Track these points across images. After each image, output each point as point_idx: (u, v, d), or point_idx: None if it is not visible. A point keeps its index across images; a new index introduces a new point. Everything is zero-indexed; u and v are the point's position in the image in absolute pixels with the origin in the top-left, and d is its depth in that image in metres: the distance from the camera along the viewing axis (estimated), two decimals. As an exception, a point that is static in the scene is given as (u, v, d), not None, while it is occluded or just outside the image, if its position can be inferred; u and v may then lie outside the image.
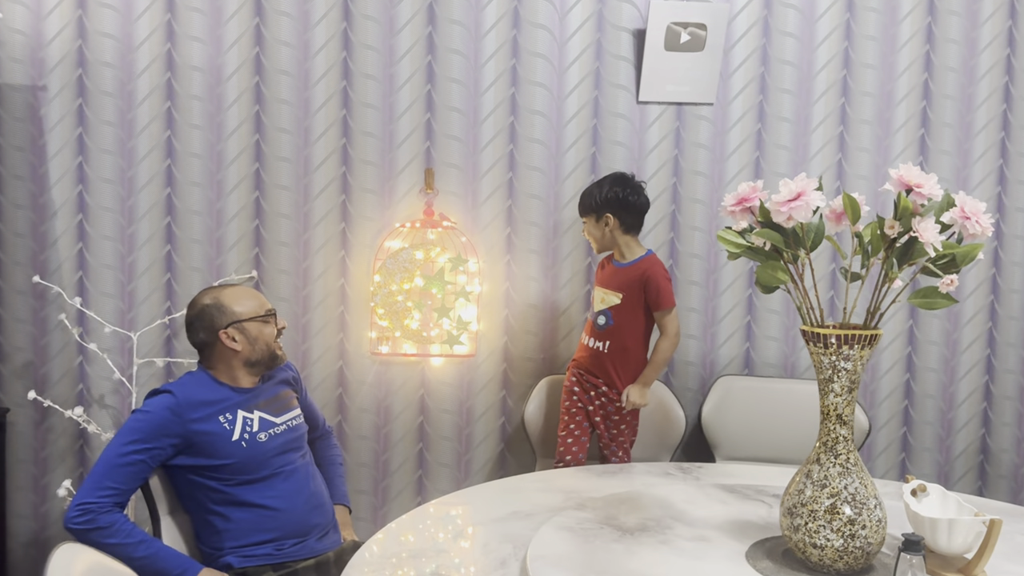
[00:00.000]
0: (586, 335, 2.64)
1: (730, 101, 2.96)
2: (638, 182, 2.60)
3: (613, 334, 2.57)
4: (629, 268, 2.58)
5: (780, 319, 3.02)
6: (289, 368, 2.32)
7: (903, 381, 3.06)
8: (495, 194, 2.94)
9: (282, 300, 2.93)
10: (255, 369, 2.15)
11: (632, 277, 2.56)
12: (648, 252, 2.61)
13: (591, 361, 2.60)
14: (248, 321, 2.12)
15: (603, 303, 2.60)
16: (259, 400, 2.17)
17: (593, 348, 2.60)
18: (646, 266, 2.56)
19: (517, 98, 2.92)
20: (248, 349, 2.12)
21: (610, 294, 2.58)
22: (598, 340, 2.59)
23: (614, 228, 2.57)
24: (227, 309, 2.12)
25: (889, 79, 2.96)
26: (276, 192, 2.90)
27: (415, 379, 2.99)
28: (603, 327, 2.58)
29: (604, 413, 2.60)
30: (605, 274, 2.65)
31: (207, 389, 2.12)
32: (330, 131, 2.89)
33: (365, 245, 2.93)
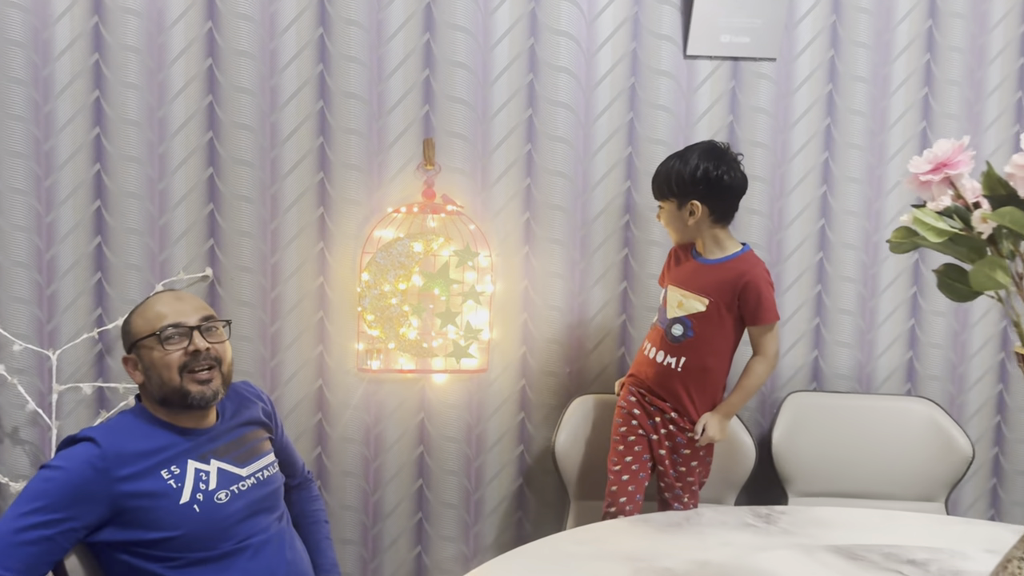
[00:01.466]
0: (652, 346, 2.08)
1: (795, 56, 2.43)
2: (734, 155, 2.03)
3: (692, 349, 2.01)
4: (720, 267, 2.02)
5: (853, 321, 2.50)
6: (259, 398, 1.74)
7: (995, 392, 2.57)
8: (510, 171, 2.38)
9: (244, 305, 2.33)
10: (174, 409, 1.57)
11: (724, 279, 2.00)
12: (744, 247, 2.05)
13: (658, 379, 2.05)
14: (140, 342, 1.56)
15: (680, 308, 2.03)
16: (217, 445, 1.61)
17: (662, 364, 2.04)
18: (745, 267, 2.00)
19: (537, 51, 2.35)
20: (148, 383, 1.56)
21: (691, 297, 2.02)
22: (670, 355, 2.03)
23: (701, 218, 2.00)
24: (130, 326, 1.56)
25: (981, 31, 2.45)
26: (235, 169, 2.29)
27: (413, 400, 2.41)
28: (679, 339, 2.03)
29: (672, 446, 2.04)
30: (684, 270, 2.07)
31: (144, 433, 1.55)
32: (303, 92, 2.29)
33: (349, 235, 2.35)
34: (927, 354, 2.53)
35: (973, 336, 2.54)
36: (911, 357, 2.53)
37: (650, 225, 2.42)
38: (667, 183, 2.01)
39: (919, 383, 2.53)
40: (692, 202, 1.99)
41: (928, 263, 2.49)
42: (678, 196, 2.00)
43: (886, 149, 2.47)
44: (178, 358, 1.52)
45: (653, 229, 2.42)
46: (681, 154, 2.02)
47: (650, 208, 2.40)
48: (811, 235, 2.47)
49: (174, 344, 1.53)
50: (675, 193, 2.00)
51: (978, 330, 2.54)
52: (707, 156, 1.98)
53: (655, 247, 2.42)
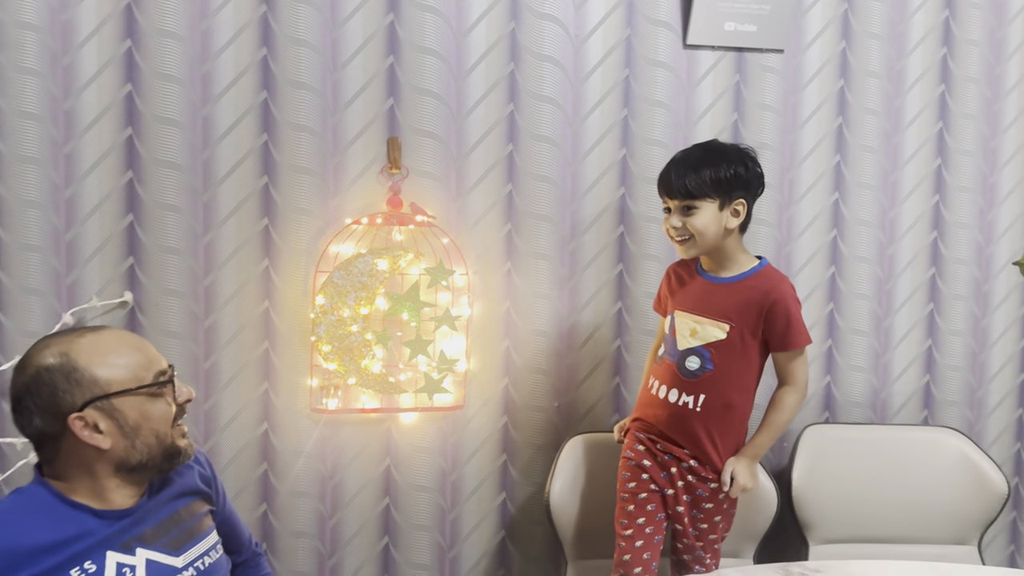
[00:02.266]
0: (661, 384, 1.77)
1: (804, 48, 2.17)
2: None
3: (712, 384, 1.71)
4: (739, 285, 1.73)
5: (867, 342, 2.25)
6: (196, 462, 1.37)
7: (1015, 417, 2.35)
8: (489, 175, 2.05)
9: (172, 336, 1.93)
10: (137, 477, 1.21)
11: (747, 299, 1.71)
12: (762, 261, 1.77)
13: (673, 423, 1.74)
14: (123, 396, 1.17)
15: (695, 337, 1.73)
16: (144, 529, 1.25)
17: (676, 404, 1.73)
18: (770, 284, 1.72)
19: (518, 37, 2.03)
20: (124, 446, 1.19)
21: (708, 323, 1.72)
22: (686, 393, 1.73)
23: (737, 223, 1.73)
24: (83, 375, 1.18)
25: (999, 23, 2.24)
26: (159, 172, 1.90)
27: (377, 445, 2.05)
28: (696, 373, 1.72)
29: (691, 500, 1.73)
30: (692, 292, 1.78)
31: (47, 520, 1.19)
32: (243, 81, 1.92)
33: (300, 251, 1.98)
34: (945, 378, 2.29)
35: (992, 356, 2.32)
36: (928, 381, 2.29)
37: (648, 237, 2.12)
38: (714, 178, 1.68)
39: (937, 409, 2.29)
40: (740, 201, 1.70)
41: (946, 280, 2.26)
42: (723, 194, 1.69)
43: (901, 152, 2.23)
44: (169, 411, 1.23)
45: (651, 242, 2.12)
46: (711, 148, 1.73)
47: (648, 218, 2.11)
48: (822, 247, 2.21)
49: (166, 395, 1.23)
50: (721, 190, 1.69)
51: (997, 350, 2.32)
52: (746, 153, 1.73)
53: (653, 262, 2.12)
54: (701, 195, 1.69)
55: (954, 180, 2.25)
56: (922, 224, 2.25)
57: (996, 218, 2.28)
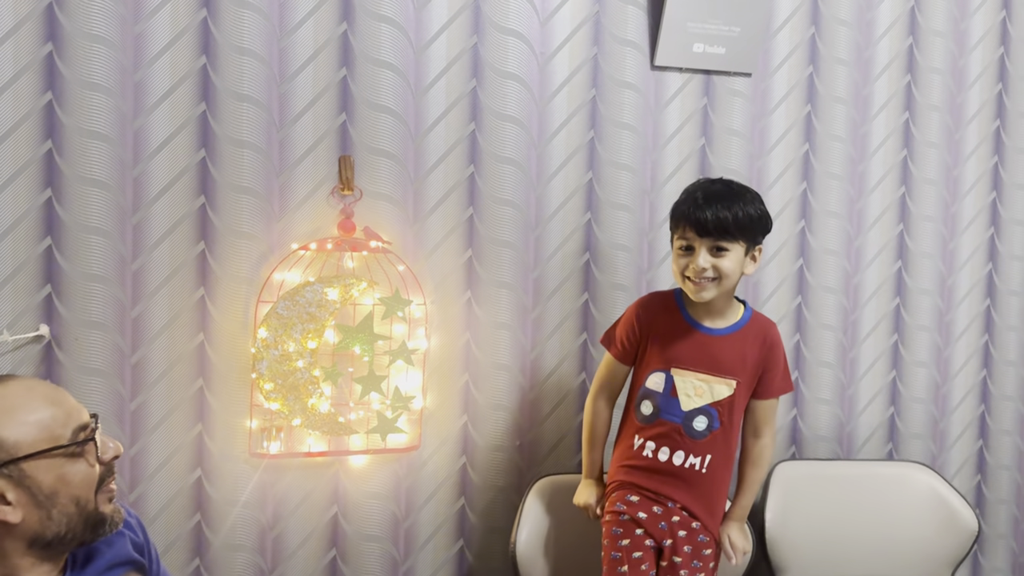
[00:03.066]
0: (660, 446, 1.63)
1: (772, 73, 2.11)
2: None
3: (718, 444, 1.62)
4: (738, 336, 1.64)
5: (833, 374, 2.19)
6: (127, 527, 1.19)
7: (976, 450, 2.33)
8: (449, 198, 1.91)
9: (94, 374, 1.73)
10: (55, 552, 1.03)
11: (749, 350, 1.63)
12: (747, 306, 1.69)
13: (677, 487, 1.62)
14: (34, 459, 0.99)
15: (700, 396, 1.62)
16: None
17: (682, 467, 1.62)
18: (766, 330, 1.66)
19: (481, 52, 1.91)
20: (38, 517, 1.01)
21: (715, 381, 1.62)
22: (693, 455, 1.62)
23: (753, 269, 1.64)
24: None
25: (961, 52, 2.23)
26: (82, 190, 1.71)
27: (323, 491, 1.88)
28: (703, 434, 1.62)
29: (692, 548, 1.62)
30: (691, 348, 1.64)
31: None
32: (179, 92, 1.74)
33: (240, 279, 1.80)
34: (909, 410, 2.25)
35: (954, 388, 2.29)
36: (893, 413, 2.24)
37: (615, 265, 2.01)
38: (751, 222, 1.57)
39: (901, 442, 2.25)
40: (759, 247, 1.62)
41: (910, 310, 2.22)
42: (751, 239, 1.59)
43: (866, 179, 2.19)
44: (92, 473, 1.05)
45: (618, 270, 2.01)
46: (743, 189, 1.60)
47: (615, 245, 2.00)
48: (789, 276, 2.15)
49: (88, 454, 1.05)
50: (751, 235, 1.59)
51: (959, 381, 2.29)
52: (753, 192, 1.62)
53: (620, 291, 2.02)
54: (737, 235, 1.56)
55: (918, 208, 2.22)
56: (887, 252, 2.21)
57: (957, 248, 2.26)
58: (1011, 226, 2.28)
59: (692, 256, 1.57)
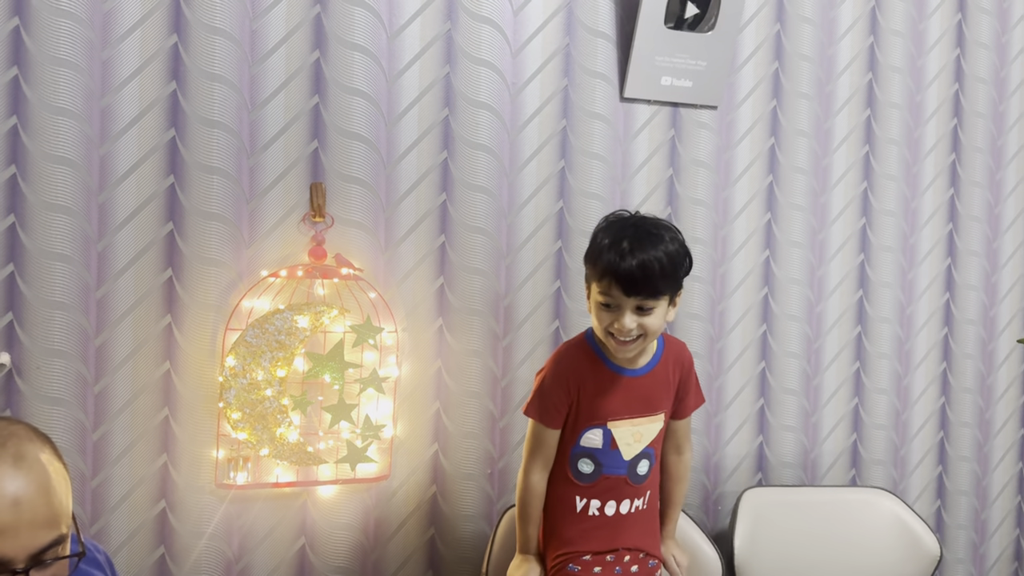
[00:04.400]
0: (607, 501, 1.60)
1: (737, 105, 2.15)
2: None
3: (654, 479, 1.66)
4: (659, 369, 1.63)
5: (797, 401, 2.22)
6: (95, 565, 1.15)
7: (935, 475, 2.37)
8: (420, 226, 1.91)
9: (56, 403, 1.69)
10: None
11: (672, 375, 1.64)
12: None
13: (625, 534, 1.62)
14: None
15: (639, 440, 1.60)
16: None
17: (630, 514, 1.62)
18: (679, 350, 1.68)
19: (453, 81, 1.92)
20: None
21: (647, 421, 1.60)
22: (637, 498, 1.62)
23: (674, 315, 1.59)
24: None
25: (918, 88, 2.30)
26: (45, 216, 1.67)
27: (291, 522, 1.85)
28: (646, 476, 1.63)
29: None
30: (617, 395, 1.58)
31: None
32: (148, 118, 1.72)
33: (208, 306, 1.78)
34: (871, 436, 2.29)
35: (914, 415, 2.33)
36: (855, 440, 2.28)
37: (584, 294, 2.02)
38: (674, 275, 1.52)
39: (864, 468, 2.28)
40: (680, 291, 1.58)
41: (871, 338, 2.27)
42: (673, 288, 1.54)
43: (828, 210, 2.24)
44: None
45: (587, 299, 2.03)
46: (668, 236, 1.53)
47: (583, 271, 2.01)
48: (754, 305, 2.18)
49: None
50: (675, 286, 1.55)
51: (919, 408, 2.34)
52: (677, 231, 1.57)
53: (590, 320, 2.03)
54: (663, 290, 1.51)
55: (878, 240, 2.27)
56: (848, 282, 2.26)
57: (916, 277, 2.32)
58: (967, 256, 2.35)
59: (616, 314, 1.50)
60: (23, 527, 0.90)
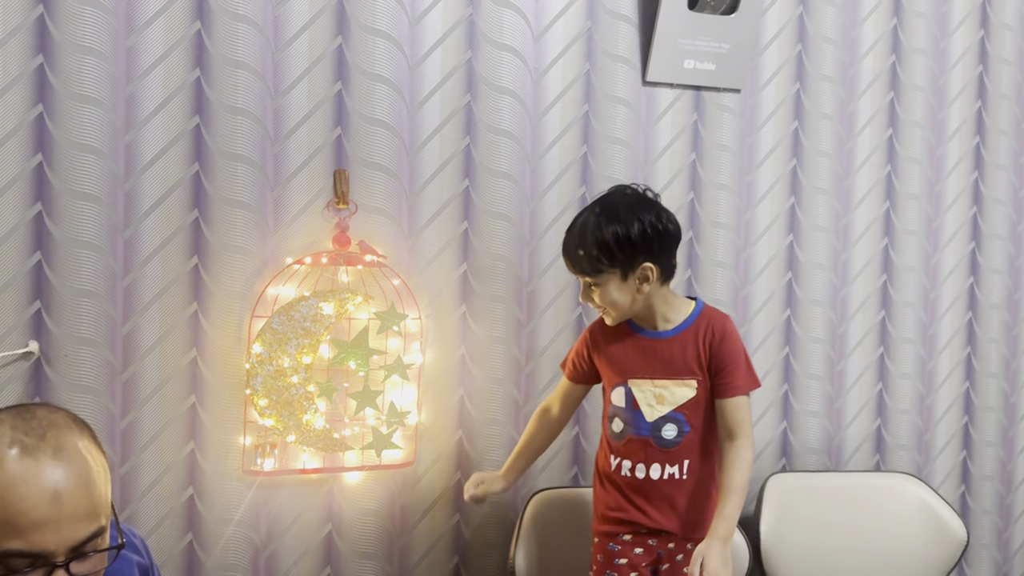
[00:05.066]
0: (637, 463, 1.61)
1: (760, 88, 2.14)
2: (656, 195, 1.64)
3: (694, 448, 1.60)
4: (687, 334, 1.61)
5: (822, 386, 2.21)
6: (132, 550, 1.16)
7: (960, 460, 2.36)
8: (444, 212, 1.91)
9: (85, 391, 1.69)
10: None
11: (701, 343, 1.60)
12: (699, 303, 1.65)
13: (662, 508, 1.60)
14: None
15: (663, 403, 1.60)
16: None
17: (661, 481, 1.60)
18: (715, 323, 1.61)
19: (475, 67, 1.92)
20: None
21: (674, 385, 1.59)
22: (669, 464, 1.60)
23: (655, 283, 1.58)
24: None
25: (942, 70, 2.28)
26: (73, 204, 1.68)
27: (318, 508, 1.85)
28: (676, 442, 1.60)
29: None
30: (636, 354, 1.62)
31: None
32: (172, 105, 1.73)
33: (234, 294, 1.78)
34: (895, 421, 2.28)
35: (938, 400, 2.32)
36: (879, 425, 2.27)
37: (607, 279, 2.02)
38: (606, 251, 1.53)
39: (888, 454, 2.27)
40: (644, 265, 1.55)
41: (895, 322, 2.26)
42: (623, 263, 1.54)
43: (852, 194, 2.22)
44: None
45: (611, 284, 2.02)
46: (605, 212, 1.55)
47: (608, 259, 2.01)
48: (778, 290, 2.17)
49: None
50: (618, 261, 1.54)
51: (943, 392, 2.32)
52: (641, 207, 1.56)
53: (613, 306, 2.02)
54: (597, 271, 1.54)
55: (902, 223, 2.26)
56: (872, 266, 2.24)
57: (940, 261, 2.30)
58: (992, 240, 2.33)
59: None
60: (63, 521, 0.89)
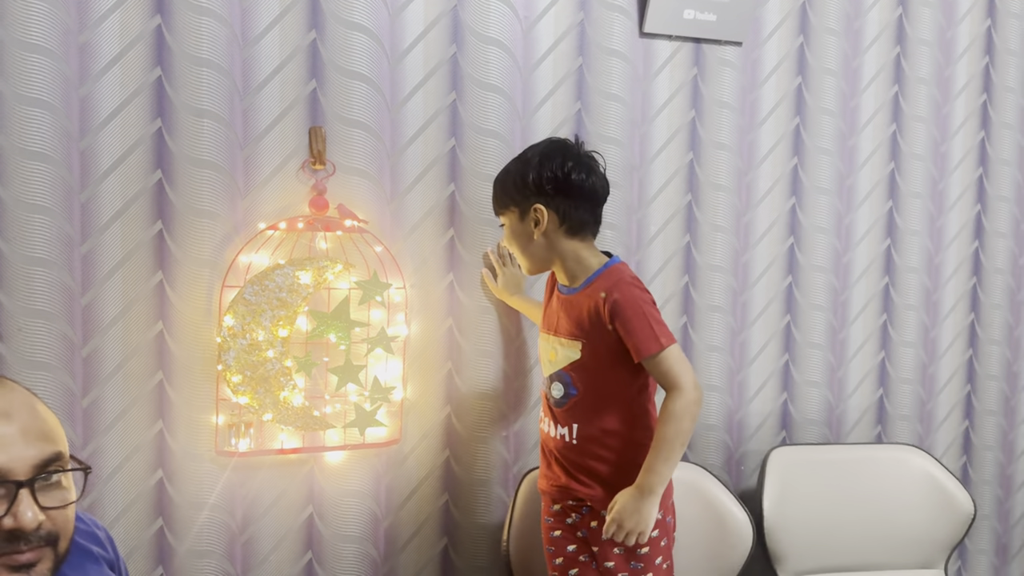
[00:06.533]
0: (543, 417, 1.62)
1: (762, 42, 2.02)
2: (588, 152, 1.56)
3: (581, 411, 1.53)
4: (582, 294, 1.53)
5: (823, 356, 2.12)
6: (95, 542, 1.04)
7: (962, 430, 2.29)
8: (429, 174, 1.78)
9: (41, 368, 1.56)
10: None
11: (590, 308, 1.50)
12: (612, 260, 1.56)
13: (560, 461, 1.57)
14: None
15: (553, 361, 1.57)
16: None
17: (556, 439, 1.57)
18: (606, 284, 1.50)
19: (461, 16, 1.78)
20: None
21: (563, 344, 1.54)
22: (560, 424, 1.56)
23: (551, 230, 1.52)
24: None
25: (949, 24, 2.17)
26: (22, 164, 1.53)
27: (297, 492, 1.74)
28: (562, 402, 1.55)
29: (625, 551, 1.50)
30: (551, 309, 1.61)
31: None
32: (130, 56, 1.58)
33: (202, 262, 1.65)
34: (897, 391, 2.20)
35: (940, 369, 2.24)
36: (881, 395, 2.19)
37: (602, 243, 1.88)
38: (504, 189, 1.57)
39: (889, 424, 2.20)
40: (535, 207, 1.52)
41: (900, 290, 2.17)
42: (518, 203, 1.55)
43: (856, 155, 2.12)
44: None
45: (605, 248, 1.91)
46: (520, 155, 1.59)
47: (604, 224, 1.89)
48: (779, 256, 2.07)
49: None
50: (515, 200, 1.55)
51: (945, 361, 2.24)
52: (551, 153, 1.54)
53: (608, 273, 1.91)
54: (498, 209, 1.61)
55: (906, 185, 2.16)
56: (876, 231, 2.15)
57: (945, 225, 2.21)
58: (997, 202, 2.25)
59: None
60: (16, 436, 0.86)
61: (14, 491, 0.84)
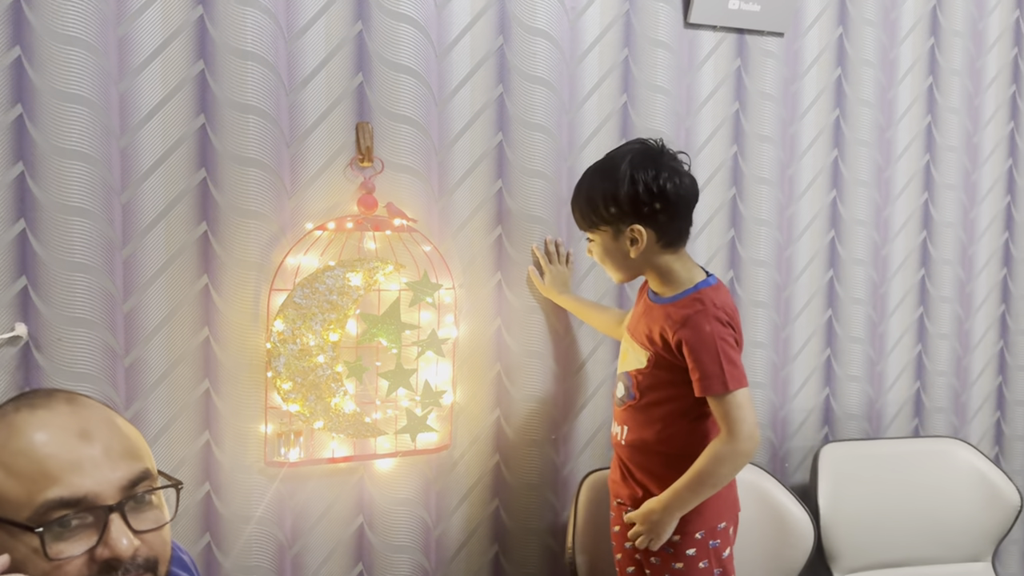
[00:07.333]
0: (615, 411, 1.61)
1: (804, 32, 1.99)
2: (672, 153, 1.47)
3: (632, 416, 1.52)
4: (667, 308, 1.46)
5: (863, 349, 2.10)
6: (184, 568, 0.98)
7: (994, 421, 2.29)
8: (476, 170, 1.72)
9: (82, 379, 1.48)
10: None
11: (664, 326, 1.44)
12: (704, 282, 1.46)
13: (618, 461, 1.58)
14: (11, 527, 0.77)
15: (625, 361, 1.55)
16: None
17: (614, 438, 1.59)
18: (686, 312, 1.42)
19: (507, 6, 1.72)
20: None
21: (635, 348, 1.52)
22: (617, 422, 1.57)
23: (648, 245, 1.44)
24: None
25: (981, 15, 2.17)
26: (61, 164, 1.44)
27: (348, 500, 1.67)
28: (621, 401, 1.55)
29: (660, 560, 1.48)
30: (637, 311, 1.56)
31: None
32: (171, 50, 1.50)
33: (249, 263, 1.57)
34: (933, 384, 2.19)
35: (974, 360, 2.24)
36: (919, 388, 2.18)
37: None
38: (593, 209, 1.46)
39: (926, 417, 2.19)
40: (632, 227, 1.43)
41: (934, 281, 2.16)
42: (611, 223, 1.45)
43: (893, 148, 2.10)
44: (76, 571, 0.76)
45: (653, 246, 1.87)
46: (603, 166, 1.47)
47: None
48: (821, 250, 2.05)
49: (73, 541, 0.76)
50: (606, 220, 1.45)
51: (978, 353, 2.24)
52: (640, 163, 1.42)
53: (656, 269, 1.87)
54: (590, 227, 1.50)
55: (941, 177, 2.15)
56: (913, 223, 2.13)
57: (977, 217, 2.21)
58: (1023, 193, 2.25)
59: None
60: (99, 458, 0.79)
61: (104, 517, 0.78)
